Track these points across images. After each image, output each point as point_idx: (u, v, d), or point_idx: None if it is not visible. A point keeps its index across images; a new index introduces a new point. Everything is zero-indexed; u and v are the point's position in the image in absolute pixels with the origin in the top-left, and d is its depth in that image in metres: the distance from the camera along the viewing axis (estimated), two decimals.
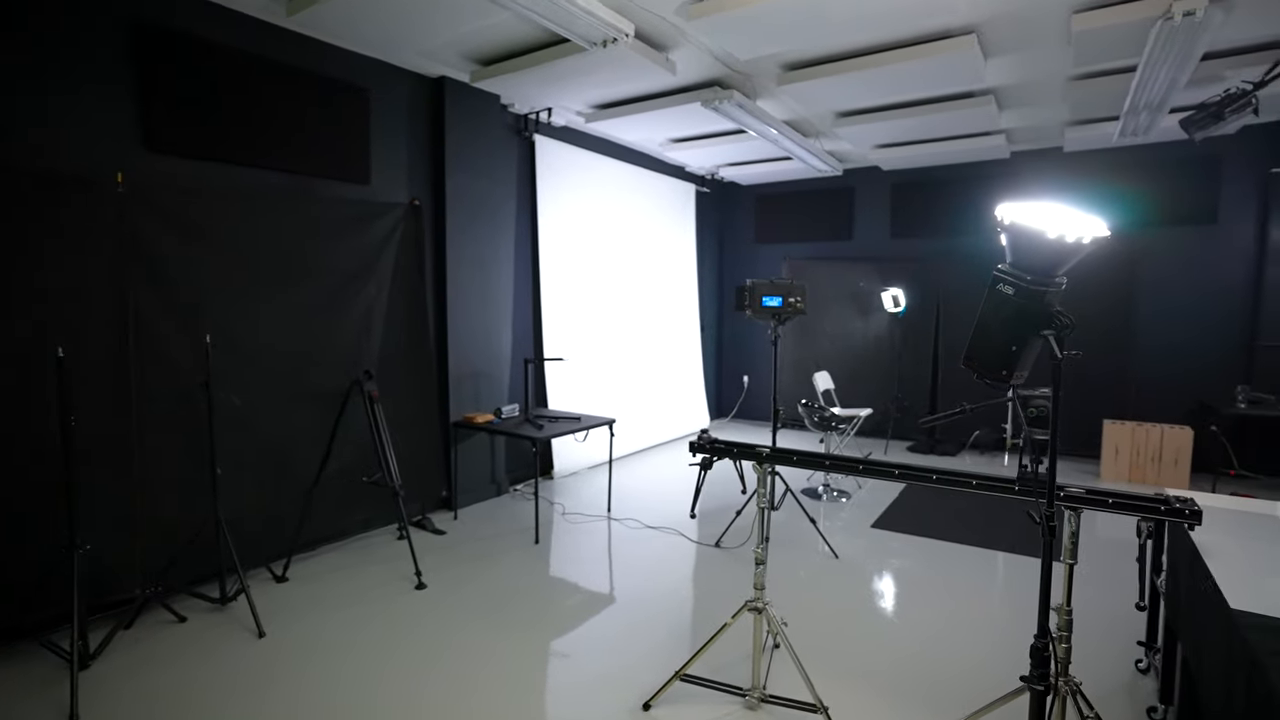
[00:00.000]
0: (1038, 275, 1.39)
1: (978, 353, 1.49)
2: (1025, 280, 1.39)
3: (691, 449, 2.59)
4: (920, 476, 2.09)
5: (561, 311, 5.74)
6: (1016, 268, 1.42)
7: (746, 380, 8.49)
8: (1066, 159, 6.34)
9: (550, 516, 4.69)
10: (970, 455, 6.60)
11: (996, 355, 1.45)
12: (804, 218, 8.02)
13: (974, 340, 1.51)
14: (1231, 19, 3.24)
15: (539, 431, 4.26)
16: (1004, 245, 1.46)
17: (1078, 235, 1.29)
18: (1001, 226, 1.41)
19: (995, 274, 1.47)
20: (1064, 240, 1.31)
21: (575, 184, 5.89)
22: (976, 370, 1.51)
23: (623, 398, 6.43)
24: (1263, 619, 1.38)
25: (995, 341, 1.46)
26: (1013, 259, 1.44)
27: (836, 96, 4.72)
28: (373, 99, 4.14)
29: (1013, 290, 1.41)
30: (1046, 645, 1.56)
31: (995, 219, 1.42)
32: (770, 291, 3.93)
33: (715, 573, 3.79)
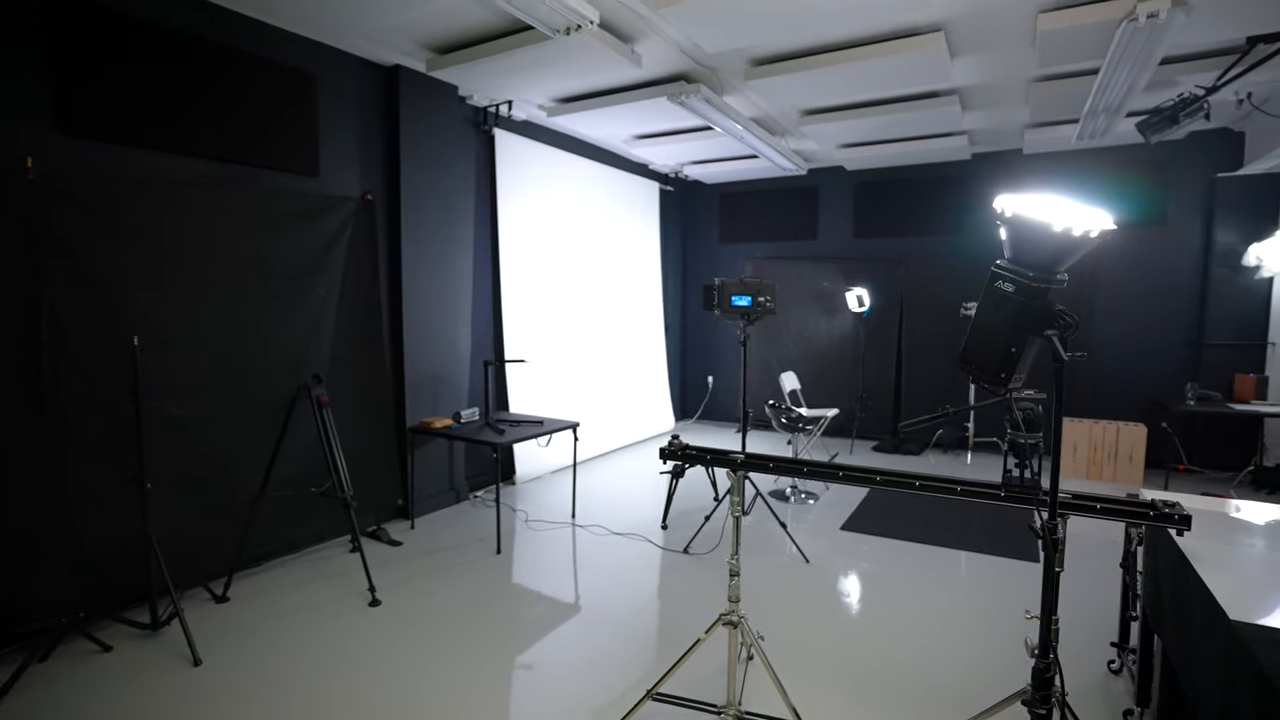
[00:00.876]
0: (1040, 272, 1.30)
1: (975, 354, 1.40)
2: (1027, 277, 1.31)
3: (662, 456, 2.46)
4: (903, 484, 2.00)
5: (523, 312, 5.56)
6: (1017, 264, 1.34)
7: (711, 381, 8.43)
8: (1026, 161, 6.44)
9: (512, 524, 4.52)
10: (934, 454, 6.65)
11: (995, 357, 1.36)
12: (768, 217, 7.99)
13: (971, 341, 1.42)
14: (1191, 21, 3.27)
15: (500, 437, 4.09)
16: (1003, 239, 1.37)
17: (1085, 228, 1.21)
18: (1001, 219, 1.32)
19: (994, 270, 1.38)
20: (1070, 233, 1.23)
21: (537, 180, 5.71)
22: (973, 373, 1.42)
23: (586, 400, 6.28)
24: (1267, 631, 1.32)
25: (994, 342, 1.37)
26: (1013, 254, 1.35)
27: (803, 93, 4.67)
28: (321, 86, 3.90)
29: (1013, 288, 1.33)
30: (1050, 666, 1.47)
31: (994, 211, 1.33)
32: (739, 291, 3.84)
33: (684, 580, 3.67)
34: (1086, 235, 1.21)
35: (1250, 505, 2.35)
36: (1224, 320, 5.79)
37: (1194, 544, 1.77)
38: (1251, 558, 1.81)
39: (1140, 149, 5.72)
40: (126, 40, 3.06)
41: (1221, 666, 1.42)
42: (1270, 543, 1.96)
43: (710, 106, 4.53)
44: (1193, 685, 1.65)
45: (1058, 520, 1.39)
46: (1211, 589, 1.52)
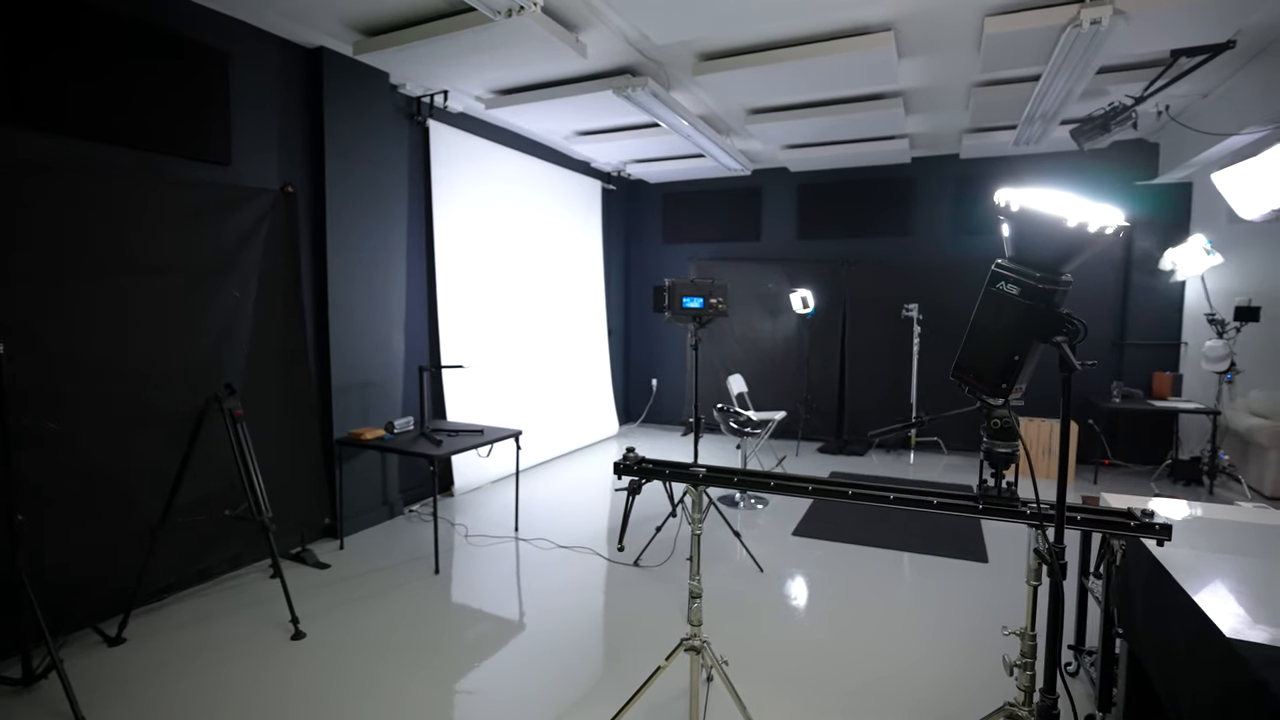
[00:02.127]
0: (1046, 272, 1.20)
1: (973, 363, 1.29)
2: (1033, 278, 1.20)
3: (617, 471, 2.29)
4: (876, 497, 1.90)
5: (460, 315, 5.28)
6: (1022, 263, 1.23)
7: (656, 384, 8.30)
8: (962, 165, 6.60)
9: (451, 540, 4.24)
10: (877, 454, 6.72)
11: (996, 365, 1.25)
12: (712, 218, 7.93)
13: (968, 348, 1.31)
14: (1128, 30, 3.33)
15: (437, 448, 3.82)
16: (1005, 237, 1.27)
17: (1101, 224, 1.11)
18: (1005, 214, 1.21)
19: (995, 271, 1.27)
20: (1085, 229, 1.13)
21: (474, 176, 5.43)
22: (970, 383, 1.30)
23: (528, 406, 6.03)
24: (1268, 650, 1.26)
25: (995, 349, 1.26)
26: (1017, 253, 1.25)
27: (751, 91, 4.58)
28: (235, 66, 3.54)
29: (1018, 290, 1.22)
30: (1055, 704, 1.38)
31: (996, 204, 1.22)
32: (691, 292, 3.70)
33: (637, 595, 3.50)
34: (1101, 232, 1.12)
35: (1206, 506, 2.37)
36: (1143, 321, 6.08)
37: (1167, 551, 1.73)
38: (1227, 564, 1.78)
39: (1073, 155, 5.94)
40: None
41: (1215, 683, 1.36)
42: (1239, 544, 1.95)
43: (657, 101, 4.39)
44: (1174, 698, 1.60)
45: (1061, 549, 1.28)
46: (1199, 602, 1.47)
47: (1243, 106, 4.48)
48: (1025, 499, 1.79)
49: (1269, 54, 4.08)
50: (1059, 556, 1.29)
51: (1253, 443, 5.35)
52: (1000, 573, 3.75)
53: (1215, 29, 3.64)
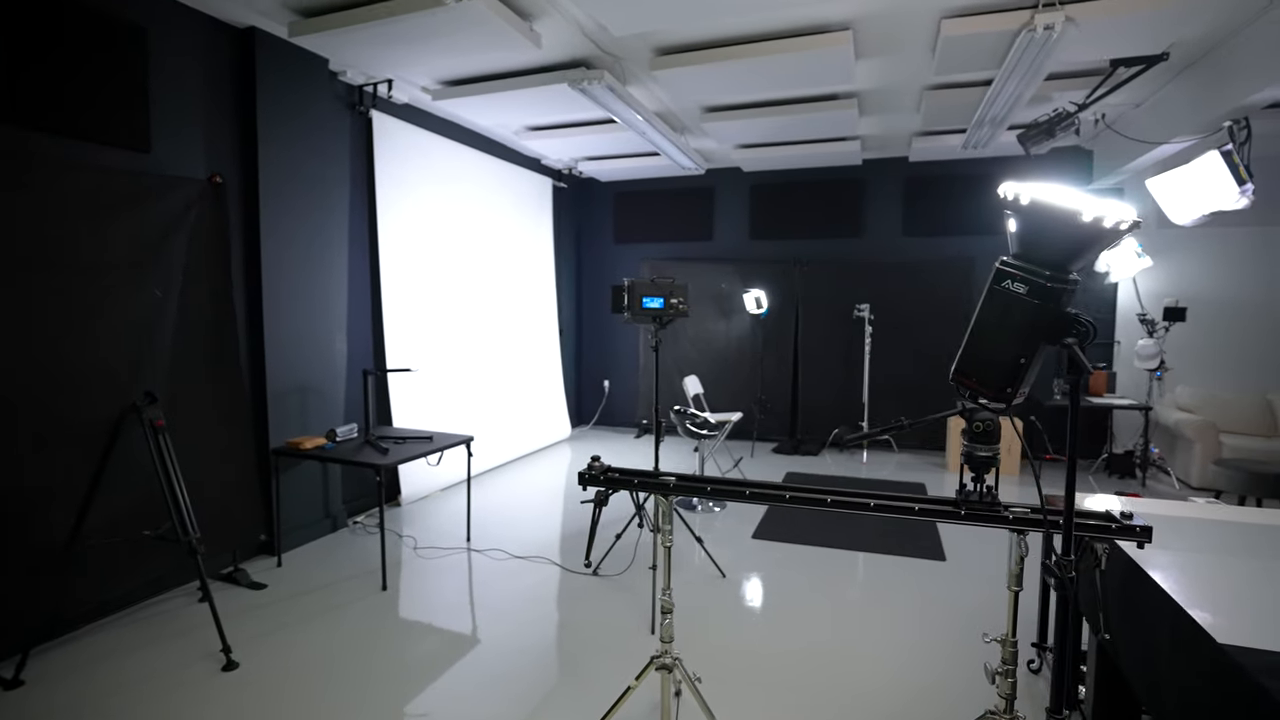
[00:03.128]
0: (1055, 270, 1.14)
1: (976, 366, 1.22)
2: (1043, 277, 1.14)
3: (582, 481, 2.16)
4: (856, 505, 1.83)
5: (406, 315, 5.03)
6: (1030, 261, 1.17)
7: (608, 385, 8.18)
8: (911, 167, 6.72)
9: (399, 553, 4.02)
10: (830, 454, 6.78)
11: (1001, 369, 1.19)
12: (664, 217, 7.86)
13: (970, 351, 1.24)
14: (1079, 36, 3.40)
15: (384, 457, 3.60)
16: (1011, 233, 1.20)
17: (1116, 219, 1.06)
18: (1014, 208, 1.14)
19: (1000, 269, 1.21)
20: (1101, 224, 1.07)
21: (421, 171, 5.19)
22: (971, 388, 1.24)
23: (478, 410, 5.82)
24: (1263, 656, 1.24)
25: (1001, 352, 1.19)
26: (1024, 250, 1.18)
27: (708, 88, 4.51)
28: (155, 43, 3.24)
29: (1025, 289, 1.16)
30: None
31: (1003, 198, 1.15)
32: (651, 292, 3.60)
33: (597, 605, 3.37)
34: (1116, 227, 1.07)
35: (1163, 503, 2.41)
36: None
37: (1136, 550, 1.72)
38: (1203, 564, 1.79)
39: (1015, 160, 6.13)
40: None
41: (1208, 688, 1.34)
42: (1207, 542, 1.97)
43: (613, 96, 4.27)
44: (1157, 699, 1.59)
45: (1069, 562, 1.22)
46: (1183, 605, 1.45)
47: (1172, 117, 4.68)
48: (1007, 503, 1.76)
49: (1197, 68, 4.26)
50: (1068, 570, 1.23)
51: (1180, 436, 5.62)
52: (959, 571, 3.78)
53: (1152, 41, 3.78)
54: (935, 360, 6.68)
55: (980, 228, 6.57)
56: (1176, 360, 5.61)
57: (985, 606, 3.31)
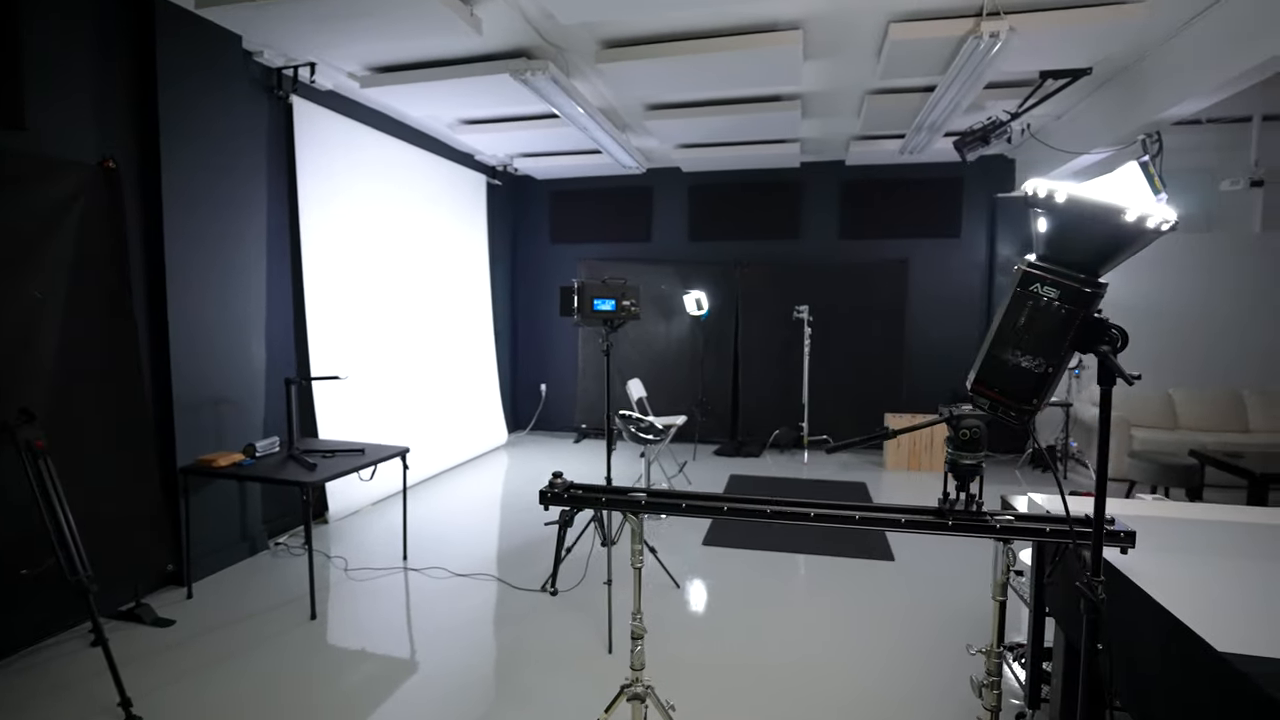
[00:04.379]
0: (1088, 274, 1.07)
1: (999, 376, 1.14)
2: (1077, 280, 1.07)
3: (544, 500, 1.99)
4: (842, 518, 1.75)
5: (332, 319, 4.67)
6: (1061, 264, 1.09)
7: (545, 389, 7.96)
8: (847, 171, 6.84)
9: (329, 577, 3.70)
10: (771, 455, 6.81)
11: (1028, 378, 1.11)
12: (602, 217, 7.71)
13: (992, 360, 1.15)
14: (1019, 45, 3.48)
15: (310, 473, 3.29)
16: (1039, 233, 1.12)
17: (1161, 219, 1.00)
18: (1046, 205, 1.06)
19: (1028, 272, 1.12)
20: (1143, 224, 1.00)
21: (347, 164, 4.84)
22: (993, 399, 1.16)
23: (410, 417, 5.50)
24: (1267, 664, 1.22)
25: (1028, 361, 1.11)
26: (1055, 252, 1.11)
27: (654, 83, 4.39)
28: (30, 5, 2.82)
29: (1057, 293, 1.08)
30: None
31: (1032, 195, 1.07)
32: (602, 294, 3.45)
33: (548, 624, 3.19)
34: (1158, 228, 1.01)
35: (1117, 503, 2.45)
36: None
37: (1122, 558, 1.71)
38: (1187, 566, 1.79)
39: (945, 166, 6.33)
40: None
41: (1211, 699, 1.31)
42: (1169, 540, 1.99)
43: (557, 89, 4.09)
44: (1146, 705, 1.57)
45: (1100, 582, 1.16)
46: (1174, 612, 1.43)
47: (1091, 129, 4.92)
48: (992, 511, 1.72)
49: (1115, 84, 4.49)
50: (1097, 592, 1.17)
51: (1095, 431, 5.94)
52: (909, 571, 3.81)
53: (1080, 55, 3.94)
54: (873, 361, 6.84)
55: (914, 230, 6.77)
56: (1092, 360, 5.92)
57: (941, 608, 3.33)
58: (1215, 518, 2.24)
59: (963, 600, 3.43)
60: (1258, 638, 1.35)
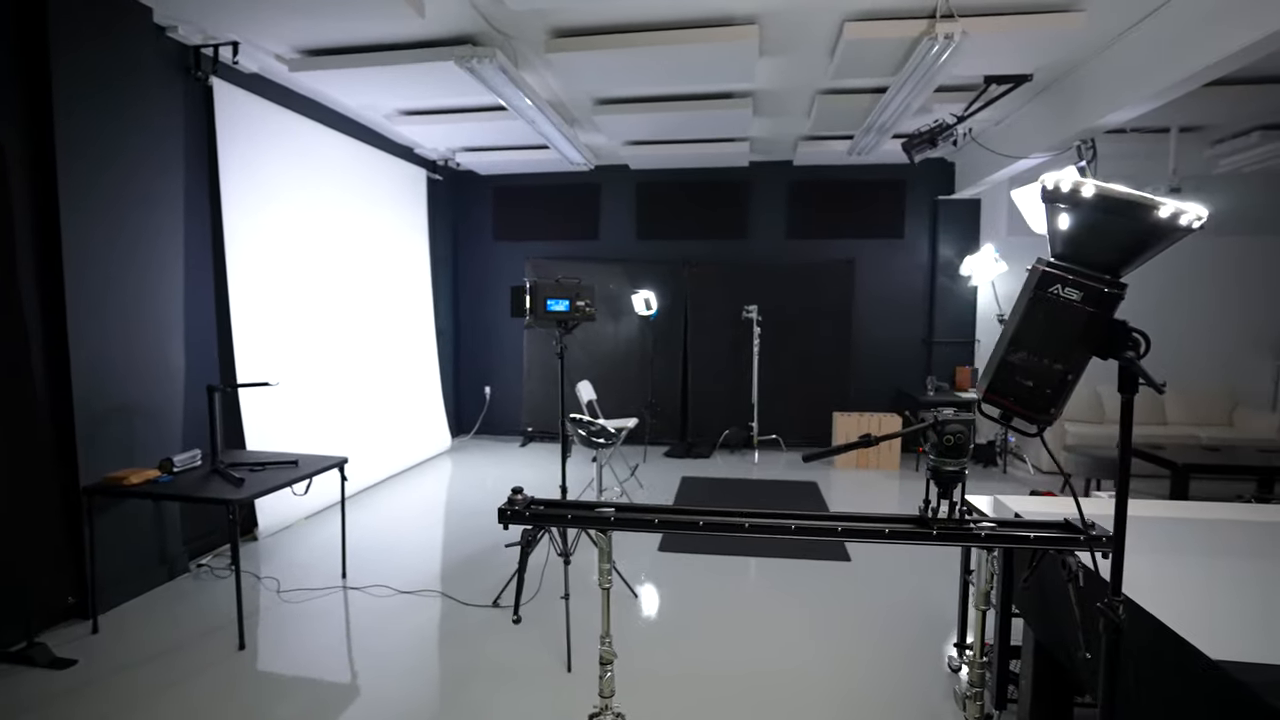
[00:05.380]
0: (1111, 274, 1.01)
1: (1014, 385, 1.06)
2: (1101, 281, 1.00)
3: (503, 519, 1.83)
4: (824, 530, 1.66)
5: (261, 319, 4.34)
6: (1083, 264, 1.02)
7: (489, 391, 7.71)
8: (795, 171, 6.88)
9: (259, 600, 3.41)
10: (722, 455, 6.78)
11: (1045, 387, 1.03)
12: (548, 214, 7.52)
13: (1007, 368, 1.08)
14: (971, 49, 3.52)
15: (238, 489, 3.01)
16: (1058, 231, 1.05)
17: (1194, 216, 0.93)
18: (1070, 200, 0.99)
19: (1047, 271, 1.05)
20: (1176, 221, 0.94)
21: (276, 154, 4.51)
22: (1008, 408, 1.08)
23: (348, 424, 5.20)
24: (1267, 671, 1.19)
25: (1047, 368, 1.04)
26: (1075, 251, 1.03)
27: (604, 76, 4.25)
28: None
29: (1079, 295, 1.01)
30: None
31: (1053, 189, 0.99)
32: (555, 294, 3.29)
33: (501, 643, 3.01)
34: (1189, 226, 0.95)
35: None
36: (947, 321, 6.77)
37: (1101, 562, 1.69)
38: (1165, 567, 1.79)
39: (890, 168, 6.44)
40: None
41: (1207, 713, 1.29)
42: (1156, 542, 2.00)
43: (505, 79, 3.90)
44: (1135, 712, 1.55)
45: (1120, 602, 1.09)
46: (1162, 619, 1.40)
47: (1030, 135, 5.07)
48: (976, 518, 1.67)
49: (1052, 91, 4.63)
50: (1118, 612, 1.10)
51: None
52: (867, 572, 3.81)
53: (1023, 61, 4.03)
54: (821, 360, 6.90)
55: (860, 231, 6.87)
56: None
57: (903, 611, 3.33)
58: (1181, 515, 2.29)
59: (920, 599, 3.45)
60: (1249, 643, 1.34)
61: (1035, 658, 2.15)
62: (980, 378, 1.12)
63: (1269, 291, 6.46)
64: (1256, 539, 2.08)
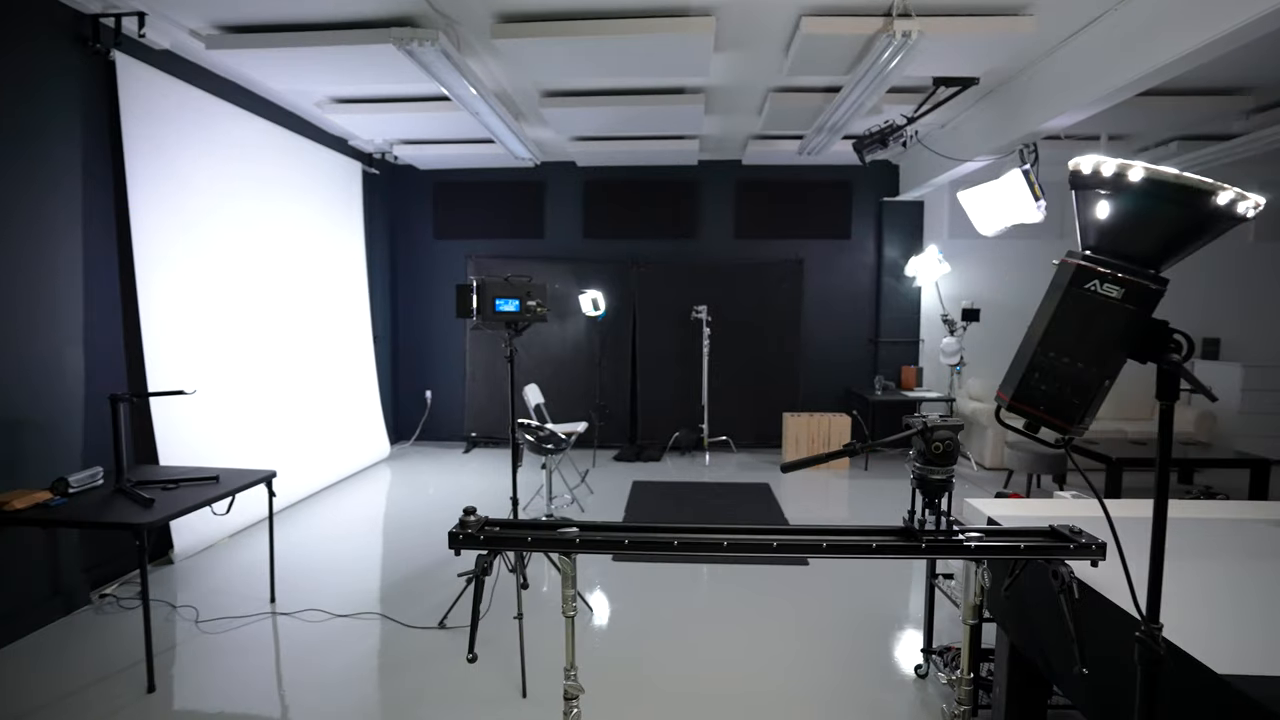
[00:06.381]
0: (1154, 269, 0.91)
1: (1042, 391, 0.95)
2: (1146, 276, 0.90)
3: (454, 544, 1.64)
4: (808, 548, 1.55)
5: (175, 322, 3.95)
6: (1125, 258, 0.92)
7: (430, 396, 7.38)
8: (743, 170, 6.84)
9: (174, 633, 3.08)
10: (672, 458, 6.67)
11: (1078, 393, 0.93)
12: (491, 212, 7.25)
13: (1036, 373, 0.97)
14: (928, 48, 3.50)
15: (147, 511, 2.69)
16: (1093, 220, 0.94)
17: (1252, 202, 0.84)
18: (1112, 185, 0.88)
19: (1083, 266, 0.93)
20: (1233, 208, 0.85)
21: (194, 140, 4.12)
22: (1037, 416, 0.97)
23: (276, 433, 4.83)
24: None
25: (1082, 372, 0.93)
26: (1113, 243, 0.92)
27: (554, 65, 4.06)
28: None
29: (1121, 292, 0.91)
30: None
31: (1091, 174, 0.89)
32: (505, 293, 3.09)
33: (449, 667, 2.80)
34: (1244, 214, 0.86)
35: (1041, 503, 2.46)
36: (892, 321, 6.87)
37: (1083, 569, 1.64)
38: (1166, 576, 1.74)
39: (838, 169, 6.48)
40: None
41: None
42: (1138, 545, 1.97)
43: (448, 64, 3.66)
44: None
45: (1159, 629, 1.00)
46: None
47: (973, 138, 5.17)
48: (966, 529, 1.59)
49: (996, 95, 4.72)
50: (1159, 641, 1.01)
51: (975, 423, 6.31)
52: (823, 574, 3.76)
53: (972, 64, 4.07)
54: (771, 360, 6.89)
55: (807, 231, 6.89)
56: (969, 355, 6.28)
57: (863, 614, 3.29)
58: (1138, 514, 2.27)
59: (879, 601, 3.42)
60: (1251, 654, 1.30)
61: (1010, 664, 2.11)
62: (1003, 384, 1.02)
63: (1175, 291, 6.82)
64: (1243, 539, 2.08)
